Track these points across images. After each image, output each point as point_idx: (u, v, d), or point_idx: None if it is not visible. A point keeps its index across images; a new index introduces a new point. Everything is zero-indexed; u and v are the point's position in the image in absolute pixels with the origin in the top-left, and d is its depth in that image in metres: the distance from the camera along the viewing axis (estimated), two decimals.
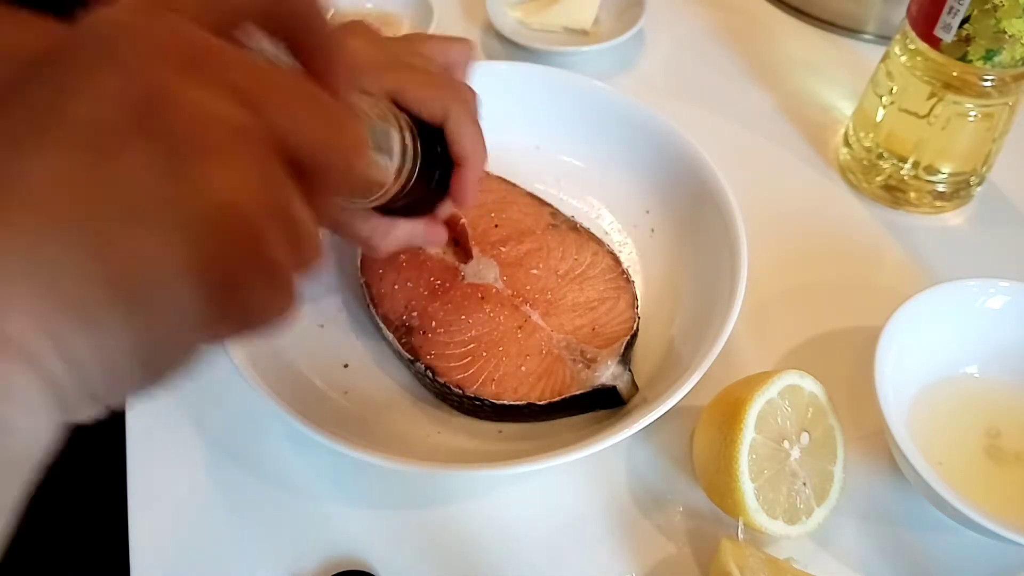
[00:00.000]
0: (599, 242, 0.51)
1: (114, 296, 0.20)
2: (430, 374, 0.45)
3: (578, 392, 0.45)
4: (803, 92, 0.68)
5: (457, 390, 0.45)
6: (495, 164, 0.53)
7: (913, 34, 0.52)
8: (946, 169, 0.56)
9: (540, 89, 0.58)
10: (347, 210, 0.40)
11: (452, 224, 0.50)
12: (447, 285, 0.48)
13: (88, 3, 0.22)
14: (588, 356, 0.46)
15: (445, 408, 0.47)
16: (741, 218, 0.49)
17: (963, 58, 0.50)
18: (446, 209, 0.43)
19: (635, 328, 0.47)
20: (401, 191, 0.37)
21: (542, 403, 0.44)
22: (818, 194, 0.60)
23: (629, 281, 0.50)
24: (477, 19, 0.73)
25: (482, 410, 0.45)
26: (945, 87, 0.52)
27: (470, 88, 0.43)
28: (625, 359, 0.46)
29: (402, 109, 0.38)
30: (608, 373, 0.45)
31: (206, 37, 0.22)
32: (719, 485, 0.41)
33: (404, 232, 0.43)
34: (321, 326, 0.50)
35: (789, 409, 0.41)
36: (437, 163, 0.40)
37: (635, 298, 0.49)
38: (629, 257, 0.54)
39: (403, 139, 0.36)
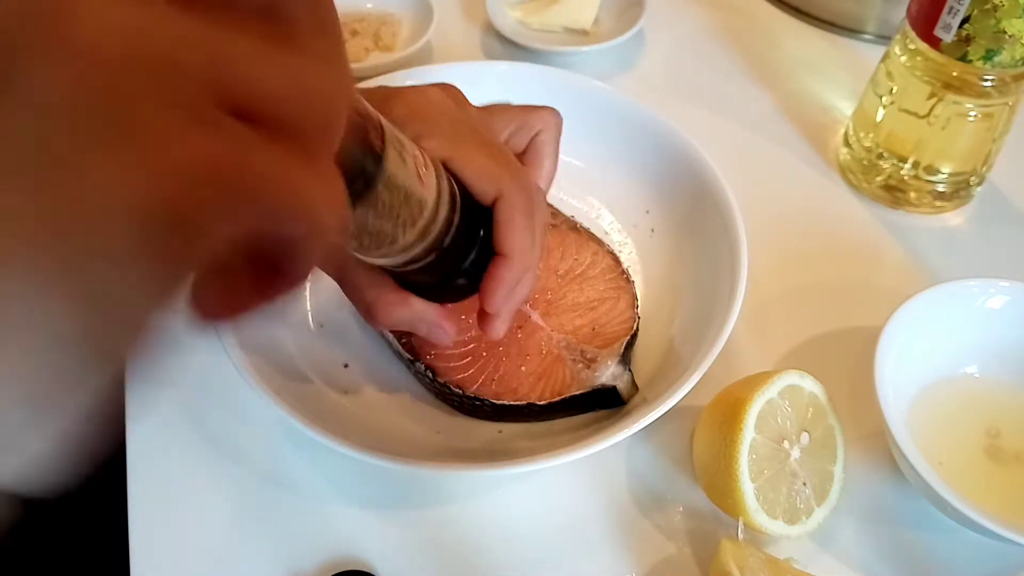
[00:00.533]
0: (599, 242, 0.51)
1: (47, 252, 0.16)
2: (430, 374, 0.45)
3: (578, 392, 0.45)
4: (803, 92, 0.68)
5: (457, 390, 0.45)
6: None
7: (913, 34, 0.52)
8: (946, 169, 0.56)
9: (540, 89, 0.58)
10: (357, 259, 0.34)
11: None
12: None
13: None
14: (588, 356, 0.46)
15: (445, 408, 0.47)
16: (741, 218, 0.49)
17: (963, 58, 0.50)
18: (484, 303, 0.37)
19: (635, 328, 0.47)
20: (423, 258, 0.33)
21: (542, 403, 0.44)
22: (818, 194, 0.60)
23: (629, 281, 0.50)
24: (477, 19, 0.73)
25: (482, 410, 0.45)
26: (945, 87, 0.52)
27: (539, 187, 0.37)
28: (625, 359, 0.46)
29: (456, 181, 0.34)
30: (608, 373, 0.45)
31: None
32: (719, 485, 0.41)
33: (412, 313, 0.37)
34: (321, 326, 0.50)
35: (789, 409, 0.41)
36: (474, 246, 0.35)
37: (635, 298, 0.49)
38: (629, 257, 0.54)
39: (438, 194, 0.31)
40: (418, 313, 0.37)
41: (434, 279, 0.35)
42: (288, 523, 0.43)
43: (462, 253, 0.34)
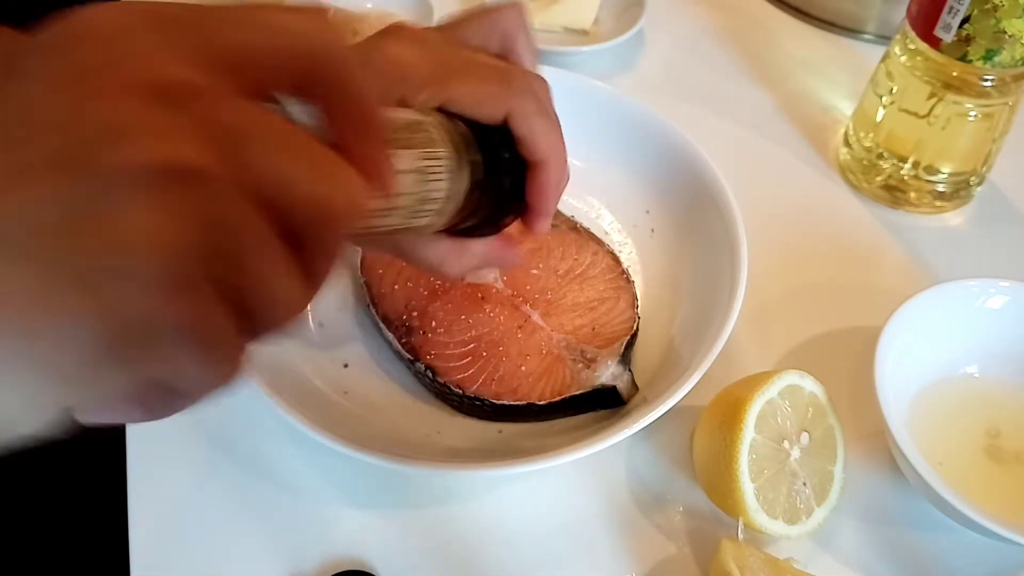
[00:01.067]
0: (599, 242, 0.51)
1: None
2: (430, 374, 0.45)
3: (578, 392, 0.45)
4: (803, 92, 0.68)
5: (457, 390, 0.45)
6: None
7: (913, 34, 0.52)
8: (946, 169, 0.56)
9: None
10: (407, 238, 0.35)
11: None
12: (447, 285, 0.48)
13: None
14: (588, 356, 0.46)
15: (445, 408, 0.47)
16: (741, 218, 0.49)
17: (963, 58, 0.50)
18: (536, 221, 0.38)
19: (635, 328, 0.47)
20: (464, 212, 0.33)
21: (542, 403, 0.44)
22: (818, 194, 0.60)
23: (629, 281, 0.50)
24: None
25: (482, 410, 0.45)
26: (945, 87, 0.52)
27: (536, 76, 0.37)
28: (625, 359, 0.46)
29: (457, 116, 0.34)
30: (608, 373, 0.45)
31: (181, 65, 0.19)
32: (719, 485, 0.41)
33: (477, 253, 0.38)
34: (321, 325, 0.50)
35: (789, 409, 0.41)
36: (505, 171, 0.35)
37: (635, 298, 0.49)
38: (629, 257, 0.54)
39: (457, 159, 0.32)
40: (482, 251, 0.38)
41: (481, 218, 0.36)
42: (288, 523, 0.43)
43: (498, 183, 0.35)
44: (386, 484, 0.44)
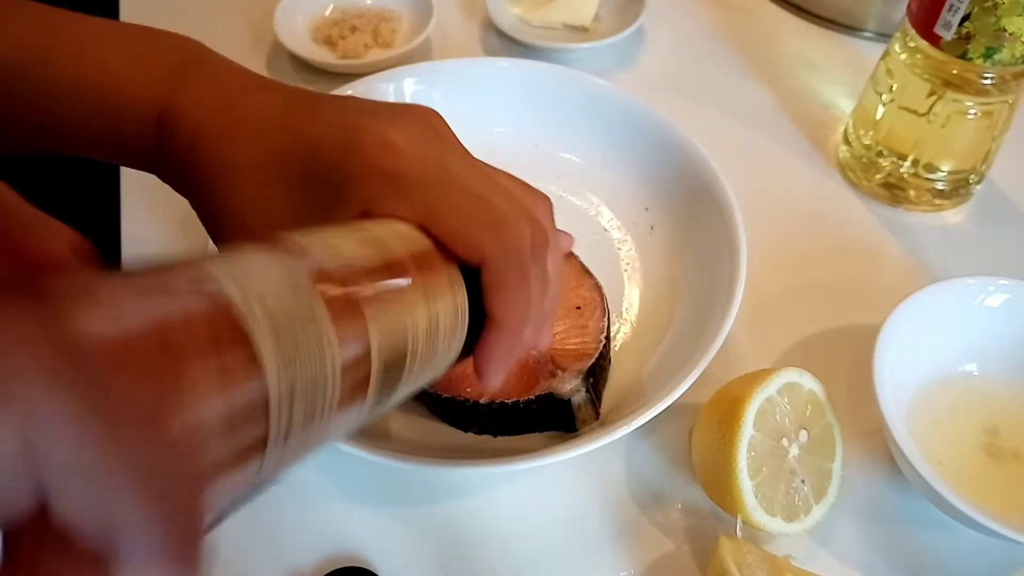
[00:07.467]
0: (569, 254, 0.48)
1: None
2: None
3: (532, 397, 0.42)
4: (803, 90, 0.68)
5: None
6: (491, 161, 0.53)
7: (913, 32, 0.52)
8: (946, 167, 0.56)
9: (540, 86, 0.58)
10: None
11: None
12: None
13: None
14: (556, 365, 0.44)
15: None
16: (740, 215, 0.49)
17: (963, 56, 0.50)
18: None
19: (601, 349, 0.44)
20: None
21: (484, 403, 0.42)
22: (817, 192, 0.60)
23: (600, 293, 0.47)
24: (477, 16, 0.73)
25: (424, 399, 0.44)
26: (945, 85, 0.52)
27: (534, 222, 0.33)
28: (587, 379, 0.43)
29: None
30: (568, 387, 0.43)
31: None
32: (718, 482, 0.41)
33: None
34: None
35: (788, 407, 0.41)
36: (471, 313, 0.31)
37: (606, 312, 0.46)
38: (628, 254, 0.54)
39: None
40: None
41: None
42: (286, 520, 0.43)
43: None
44: (385, 481, 0.44)
